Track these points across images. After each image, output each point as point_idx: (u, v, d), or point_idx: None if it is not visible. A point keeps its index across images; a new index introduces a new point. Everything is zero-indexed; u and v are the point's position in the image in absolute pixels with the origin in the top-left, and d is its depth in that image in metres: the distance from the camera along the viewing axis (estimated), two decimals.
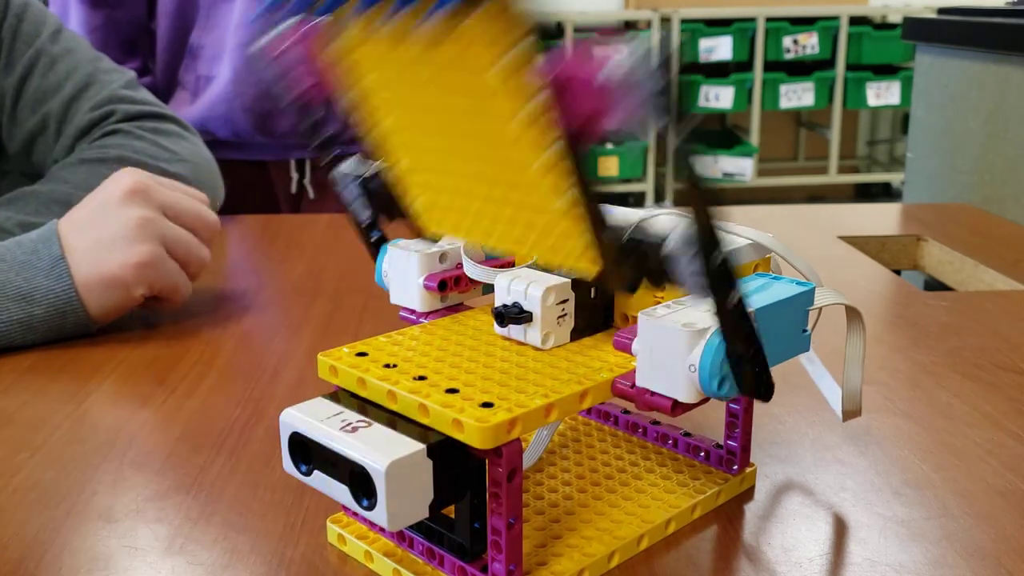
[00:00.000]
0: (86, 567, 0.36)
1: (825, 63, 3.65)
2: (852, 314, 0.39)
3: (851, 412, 0.41)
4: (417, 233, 0.39)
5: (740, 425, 0.41)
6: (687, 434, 0.43)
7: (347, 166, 0.39)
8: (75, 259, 0.58)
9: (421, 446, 0.30)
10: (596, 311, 0.38)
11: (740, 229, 0.37)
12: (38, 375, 0.54)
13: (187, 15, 1.08)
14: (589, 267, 0.32)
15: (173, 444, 0.46)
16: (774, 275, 0.36)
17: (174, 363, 0.56)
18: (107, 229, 0.59)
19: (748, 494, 0.41)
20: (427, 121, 0.33)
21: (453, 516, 0.33)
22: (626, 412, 0.46)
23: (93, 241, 0.59)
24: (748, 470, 0.42)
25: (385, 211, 0.39)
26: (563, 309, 0.36)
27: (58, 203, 0.68)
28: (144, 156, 0.74)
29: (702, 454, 0.42)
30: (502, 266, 0.42)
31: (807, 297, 0.35)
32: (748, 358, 0.31)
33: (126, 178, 0.61)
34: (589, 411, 0.47)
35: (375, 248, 0.42)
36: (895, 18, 3.74)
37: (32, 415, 0.49)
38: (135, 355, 0.57)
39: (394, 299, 0.42)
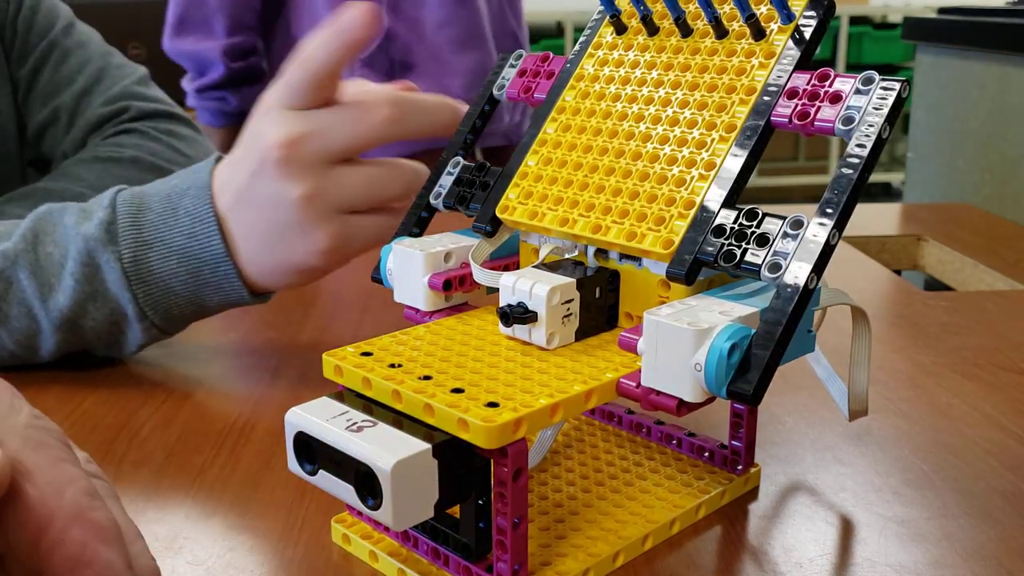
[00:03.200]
0: None
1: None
2: (858, 315, 0.39)
3: (858, 412, 0.41)
4: (488, 222, 0.41)
5: (744, 425, 0.41)
6: (691, 434, 0.43)
7: (458, 156, 0.44)
8: (251, 250, 0.51)
9: (427, 446, 0.30)
10: (601, 311, 0.38)
11: None
12: (38, 375, 0.54)
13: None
14: (663, 249, 0.35)
15: (173, 444, 0.46)
16: None
17: (174, 363, 0.56)
18: (275, 213, 0.49)
19: (752, 494, 0.41)
20: (588, 123, 0.40)
21: (458, 516, 0.34)
22: (630, 412, 0.46)
23: (265, 227, 0.50)
24: (752, 470, 0.42)
25: (461, 198, 0.42)
26: (568, 309, 0.36)
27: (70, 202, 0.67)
28: (159, 159, 0.74)
29: (706, 454, 0.42)
30: (504, 268, 0.42)
31: (813, 298, 0.35)
32: (767, 357, 0.31)
33: (269, 138, 0.49)
34: (593, 411, 0.47)
35: (410, 234, 0.44)
36: (895, 18, 3.74)
37: None
38: (135, 355, 0.57)
39: (398, 297, 0.42)
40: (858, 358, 0.39)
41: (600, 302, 0.37)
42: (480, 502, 0.32)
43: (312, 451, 0.32)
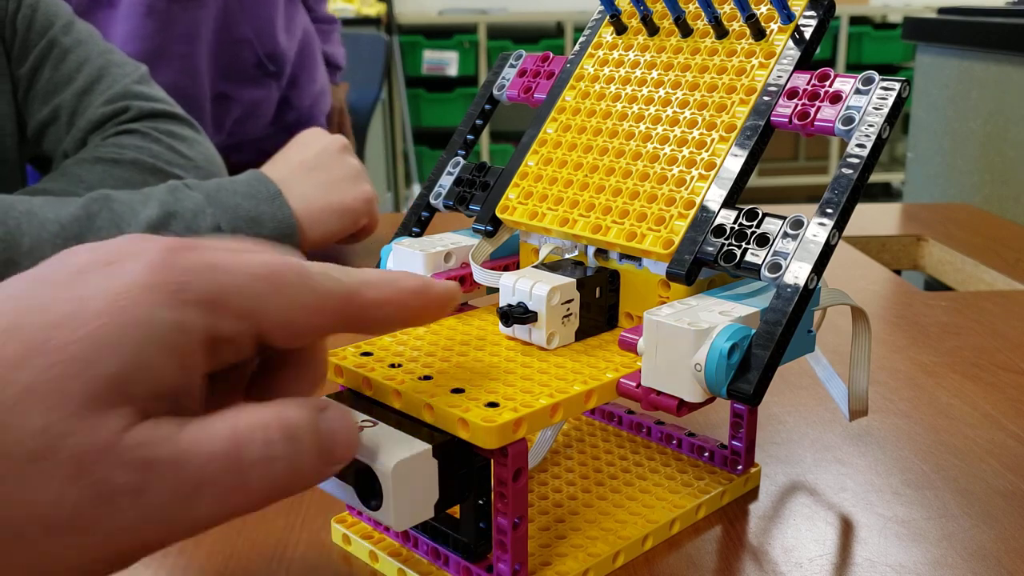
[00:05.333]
0: None
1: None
2: (858, 315, 0.39)
3: (858, 412, 0.41)
4: (488, 222, 0.41)
5: (745, 425, 0.41)
6: (691, 434, 0.43)
7: (457, 156, 0.45)
8: (308, 193, 0.70)
9: (427, 446, 0.30)
10: (601, 311, 0.38)
11: None
12: None
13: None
14: (663, 249, 0.35)
15: None
16: None
17: None
18: (336, 171, 0.72)
19: (752, 494, 0.41)
20: (588, 123, 0.40)
21: (458, 516, 0.33)
22: (630, 412, 0.46)
23: (327, 178, 0.72)
24: (752, 470, 0.42)
25: (460, 199, 0.43)
26: (568, 309, 0.36)
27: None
28: (160, 161, 0.74)
29: (706, 454, 0.42)
30: (504, 268, 0.42)
31: (813, 298, 0.35)
32: (767, 357, 0.31)
33: (329, 136, 0.75)
34: (593, 411, 0.47)
35: (410, 234, 0.44)
36: (895, 18, 3.74)
37: None
38: None
39: None
40: (858, 358, 0.39)
41: (600, 302, 0.37)
42: (480, 502, 0.32)
43: None
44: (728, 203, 0.34)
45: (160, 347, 0.23)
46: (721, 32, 0.38)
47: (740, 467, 0.41)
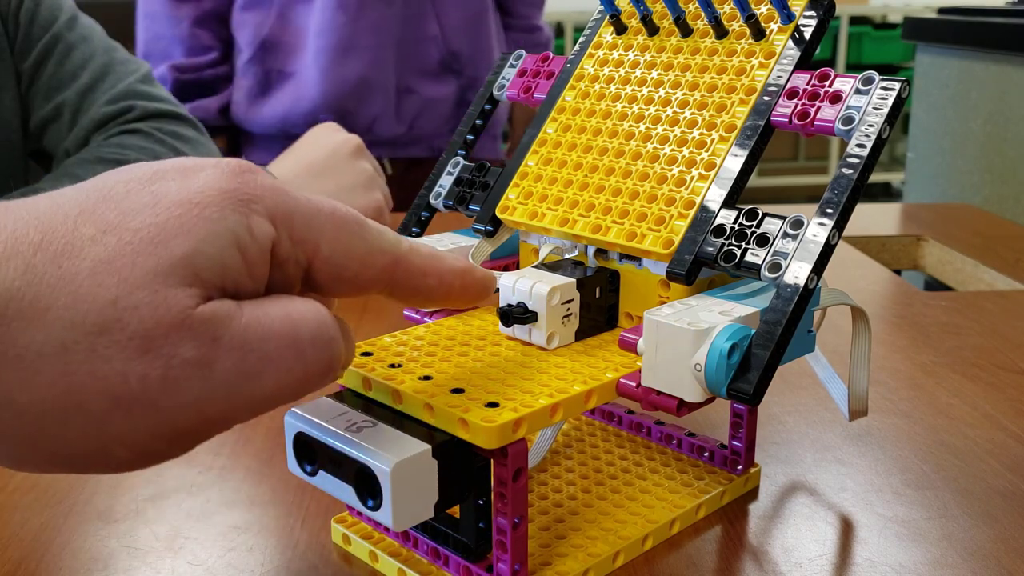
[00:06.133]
0: (85, 567, 0.36)
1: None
2: (858, 315, 0.39)
3: (858, 412, 0.41)
4: (488, 222, 0.41)
5: (744, 425, 0.41)
6: (691, 434, 0.43)
7: (458, 156, 0.45)
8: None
9: (427, 446, 0.30)
10: (601, 311, 0.38)
11: None
12: None
13: (262, 9, 1.13)
14: (663, 249, 0.35)
15: None
16: None
17: None
18: (347, 177, 0.71)
19: (752, 494, 0.41)
20: (588, 123, 0.40)
21: (458, 516, 0.33)
22: (630, 412, 0.46)
23: (335, 186, 0.71)
24: (752, 470, 0.42)
25: (460, 198, 0.43)
26: (568, 309, 0.36)
27: None
28: None
29: (706, 454, 0.42)
30: (504, 268, 0.42)
31: (813, 298, 0.34)
32: (766, 357, 0.31)
33: (344, 135, 0.74)
34: (593, 411, 0.47)
35: (410, 234, 0.44)
36: (895, 18, 3.74)
37: None
38: None
39: None
40: (858, 358, 0.39)
41: (600, 302, 0.37)
42: (480, 502, 0.32)
43: (312, 452, 0.32)
44: (728, 203, 0.34)
45: (230, 242, 0.24)
46: (721, 32, 0.38)
47: (740, 467, 0.41)
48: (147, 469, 0.43)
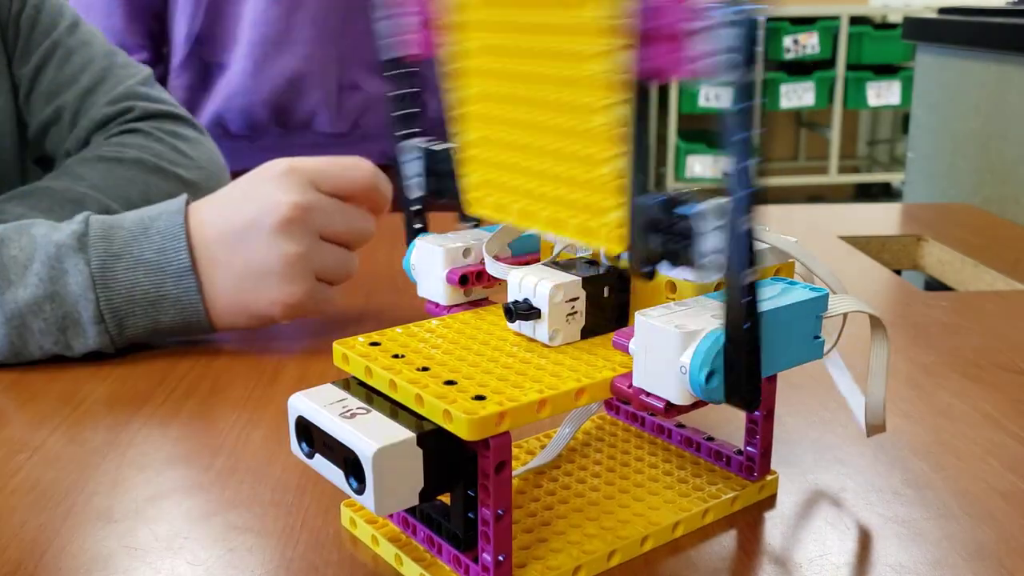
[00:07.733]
0: (85, 567, 0.36)
1: (825, 63, 3.65)
2: (875, 324, 0.37)
3: (875, 427, 0.39)
4: (462, 214, 0.40)
5: (760, 432, 0.40)
6: (711, 439, 0.43)
7: (414, 142, 0.42)
8: (217, 280, 0.56)
9: (411, 434, 0.31)
10: (610, 310, 0.37)
11: (763, 233, 0.37)
12: (38, 375, 0.54)
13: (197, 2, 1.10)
14: (617, 246, 0.33)
15: (173, 444, 0.46)
16: (790, 280, 0.36)
17: (173, 363, 0.56)
18: (257, 259, 0.55)
19: (769, 502, 0.41)
20: (509, 88, 0.35)
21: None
22: (653, 414, 0.45)
23: (242, 267, 0.55)
24: (769, 477, 0.41)
25: (438, 190, 0.41)
26: (573, 307, 0.36)
27: (72, 202, 0.67)
28: (162, 160, 0.74)
29: (724, 460, 0.42)
30: (526, 263, 0.42)
31: (818, 303, 0.34)
32: (742, 361, 0.30)
33: (282, 195, 0.54)
34: (618, 411, 0.47)
35: (415, 234, 0.43)
36: (895, 18, 3.74)
37: (31, 415, 0.49)
38: (135, 355, 0.57)
39: (421, 292, 0.43)
40: (874, 369, 0.38)
41: (608, 301, 0.37)
42: (469, 493, 0.33)
43: (311, 435, 0.33)
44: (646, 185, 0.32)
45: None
46: None
47: (755, 474, 0.41)
48: (147, 469, 0.43)
